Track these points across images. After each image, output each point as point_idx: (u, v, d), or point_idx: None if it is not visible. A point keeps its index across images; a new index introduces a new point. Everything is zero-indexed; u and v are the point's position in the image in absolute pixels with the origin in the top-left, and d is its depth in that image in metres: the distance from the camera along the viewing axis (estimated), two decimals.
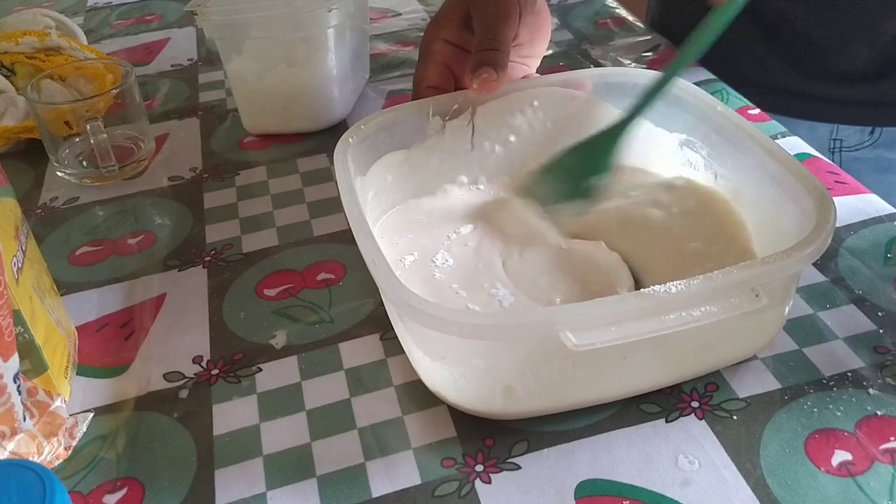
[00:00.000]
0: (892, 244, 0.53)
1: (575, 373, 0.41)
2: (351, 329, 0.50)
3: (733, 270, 0.39)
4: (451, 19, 0.57)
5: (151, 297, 0.55)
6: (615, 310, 0.38)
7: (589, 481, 0.40)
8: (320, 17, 0.66)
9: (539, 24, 0.60)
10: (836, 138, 0.68)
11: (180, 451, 0.44)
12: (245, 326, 0.51)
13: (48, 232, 0.62)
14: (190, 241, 0.60)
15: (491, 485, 0.41)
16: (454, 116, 0.54)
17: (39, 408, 0.43)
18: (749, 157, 0.48)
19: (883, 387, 0.44)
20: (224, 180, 0.67)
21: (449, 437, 0.43)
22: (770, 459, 0.40)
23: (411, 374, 0.46)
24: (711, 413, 0.43)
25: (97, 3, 1.06)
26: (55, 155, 0.68)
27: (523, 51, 0.59)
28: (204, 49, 0.90)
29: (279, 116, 0.71)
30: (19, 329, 0.41)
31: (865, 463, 0.40)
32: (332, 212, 0.61)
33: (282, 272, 0.56)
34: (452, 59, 0.56)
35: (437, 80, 0.56)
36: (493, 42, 0.53)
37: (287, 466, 0.42)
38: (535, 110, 0.55)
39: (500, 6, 0.54)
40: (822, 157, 0.62)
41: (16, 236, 0.45)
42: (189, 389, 0.47)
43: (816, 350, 0.46)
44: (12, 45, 0.77)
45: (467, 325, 0.37)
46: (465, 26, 0.56)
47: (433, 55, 0.56)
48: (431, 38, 0.57)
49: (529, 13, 0.57)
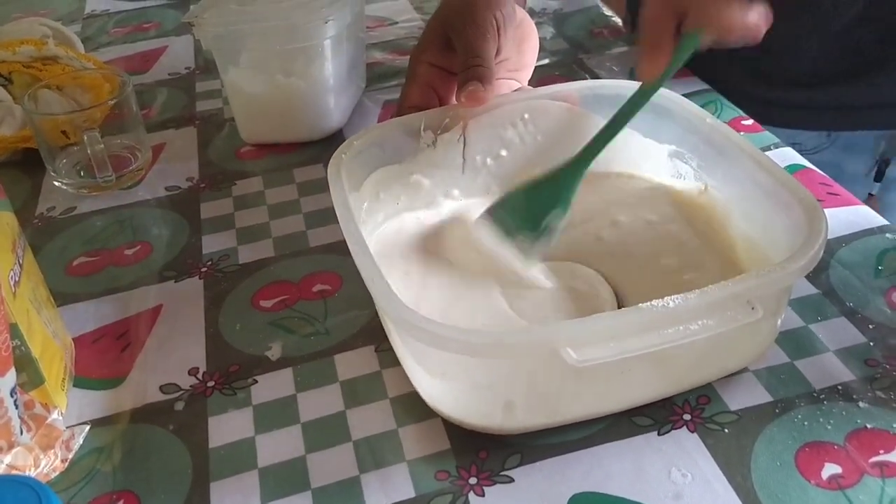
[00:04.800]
0: (884, 256, 0.54)
1: (574, 388, 0.42)
2: (346, 341, 0.51)
3: (728, 284, 0.39)
4: (432, 43, 0.59)
5: (148, 308, 0.55)
6: (615, 325, 0.38)
7: (582, 494, 0.41)
8: (317, 28, 0.66)
9: (523, 36, 0.61)
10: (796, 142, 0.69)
11: (176, 463, 0.44)
12: (241, 338, 0.52)
13: (45, 242, 0.63)
14: (186, 251, 0.60)
15: (484, 497, 0.41)
16: (445, 130, 0.54)
17: (36, 420, 0.44)
18: (739, 168, 0.49)
19: (873, 400, 0.44)
20: (221, 190, 0.67)
21: (443, 449, 0.43)
22: (761, 472, 0.41)
23: (406, 386, 0.47)
24: (703, 426, 0.44)
25: (94, 11, 1.06)
26: (52, 165, 0.68)
27: (511, 65, 0.60)
28: (201, 58, 0.90)
29: (276, 126, 0.72)
30: (16, 342, 0.42)
31: (855, 476, 0.40)
32: (327, 222, 0.61)
33: (278, 283, 0.56)
34: (436, 80, 0.58)
35: (419, 100, 0.57)
36: (475, 60, 0.54)
37: (282, 479, 0.43)
38: (525, 123, 0.56)
39: (477, 26, 0.56)
40: (815, 168, 0.63)
41: (13, 250, 0.45)
42: (185, 402, 0.48)
43: (807, 363, 0.47)
44: (9, 55, 0.78)
45: (469, 343, 0.38)
46: (446, 48, 0.58)
47: (417, 77, 0.58)
48: (415, 62, 0.59)
49: (511, 26, 0.58)
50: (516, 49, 0.60)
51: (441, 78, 0.58)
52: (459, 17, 0.57)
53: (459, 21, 0.57)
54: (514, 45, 0.60)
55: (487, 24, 0.56)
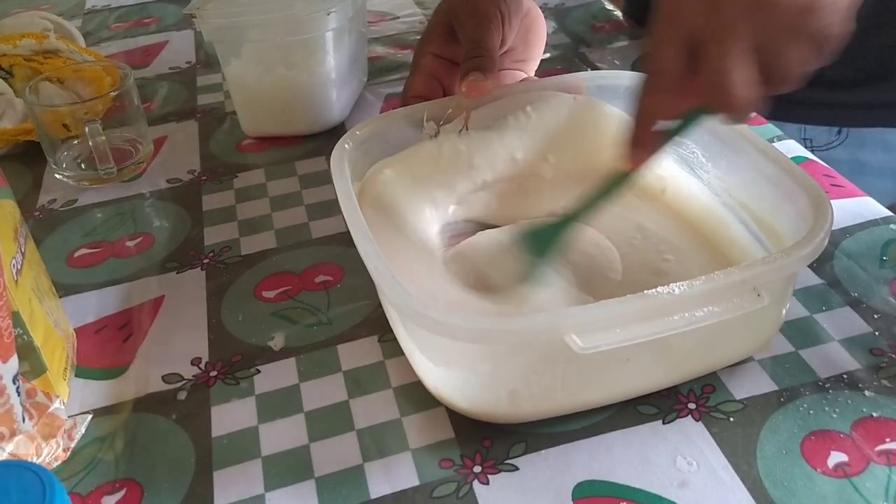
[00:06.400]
0: (888, 247, 0.54)
1: (579, 376, 0.42)
2: (349, 331, 0.51)
3: (734, 270, 0.39)
4: (436, 34, 0.59)
5: (150, 298, 0.55)
6: (620, 312, 0.38)
7: (587, 482, 0.40)
8: (319, 21, 0.66)
9: (529, 26, 0.61)
10: (806, 137, 0.68)
11: (179, 452, 0.44)
12: (243, 328, 0.52)
13: (46, 234, 0.62)
14: (188, 243, 0.60)
15: (489, 486, 0.41)
16: (448, 121, 0.54)
17: (38, 409, 0.43)
18: (743, 158, 0.49)
19: (878, 388, 0.44)
20: (222, 182, 0.67)
21: (447, 438, 0.43)
22: (767, 461, 0.41)
23: (409, 375, 0.46)
24: (708, 415, 0.43)
25: (95, 5, 1.06)
26: (53, 157, 0.68)
27: (516, 55, 0.60)
28: (202, 52, 0.90)
29: (277, 119, 0.71)
30: (18, 331, 0.41)
31: (861, 464, 0.40)
32: (330, 214, 0.61)
33: (280, 274, 0.56)
34: (440, 71, 0.59)
35: (422, 90, 0.58)
36: (478, 50, 0.55)
37: (285, 468, 0.42)
38: (528, 114, 0.55)
39: (481, 16, 0.56)
40: (818, 160, 0.63)
41: (15, 238, 0.45)
42: (187, 391, 0.47)
43: (812, 352, 0.47)
44: (10, 48, 0.77)
45: (473, 331, 0.37)
46: (450, 39, 0.58)
47: (421, 67, 0.59)
48: (420, 53, 0.60)
49: (516, 17, 0.58)
50: (522, 39, 0.60)
51: (445, 69, 0.59)
52: (464, 8, 0.57)
53: (463, 11, 0.57)
54: (520, 36, 0.60)
55: (491, 15, 0.56)
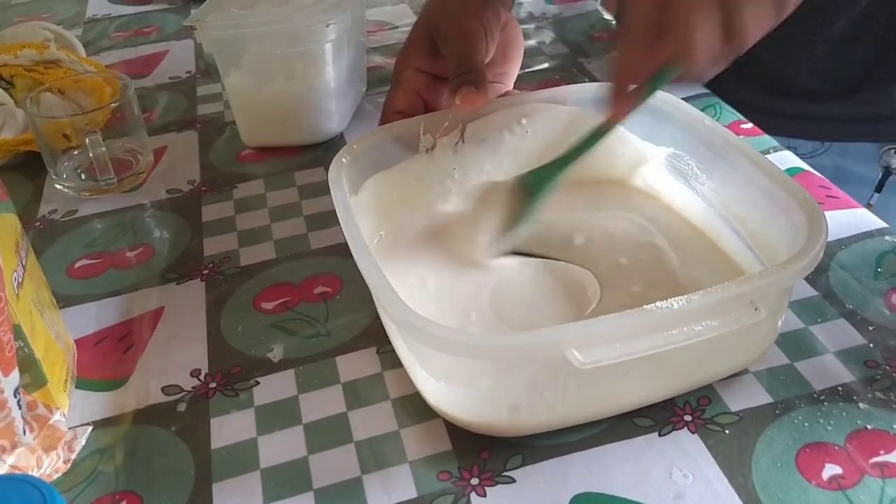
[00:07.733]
0: (883, 259, 0.54)
1: (579, 390, 0.42)
2: (348, 343, 0.51)
3: (731, 284, 0.39)
4: (418, 48, 0.59)
5: (150, 310, 0.55)
6: (619, 327, 0.38)
7: (583, 495, 0.41)
8: (318, 32, 0.66)
9: (508, 40, 0.61)
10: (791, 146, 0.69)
11: (178, 464, 0.44)
12: (243, 340, 0.52)
13: (47, 245, 0.63)
14: (188, 254, 0.60)
15: (486, 498, 0.41)
16: (444, 134, 0.55)
17: (39, 421, 0.44)
18: (738, 170, 0.49)
19: (873, 401, 0.44)
20: (222, 193, 0.67)
21: (445, 450, 0.43)
22: (762, 473, 0.41)
23: (408, 387, 0.47)
24: (704, 427, 0.44)
25: (96, 15, 1.07)
26: (54, 168, 0.68)
27: (496, 68, 0.60)
28: (202, 61, 0.90)
29: (277, 129, 0.72)
30: (19, 344, 0.42)
31: (855, 476, 0.40)
32: (328, 225, 0.61)
33: (279, 285, 0.56)
34: (423, 86, 0.58)
35: (403, 105, 0.57)
36: (466, 66, 0.54)
37: (284, 480, 0.43)
38: (523, 127, 0.56)
39: (464, 31, 0.56)
40: (813, 171, 0.63)
41: (16, 251, 0.45)
42: (187, 403, 0.48)
43: (807, 364, 0.47)
44: (11, 58, 0.78)
45: (475, 347, 0.38)
46: (432, 53, 0.58)
47: (402, 82, 0.58)
48: (401, 67, 0.59)
49: (496, 30, 0.58)
50: (501, 52, 0.60)
51: (427, 83, 0.58)
52: (446, 22, 0.57)
53: (446, 26, 0.57)
54: (499, 50, 0.60)
55: (475, 30, 0.56)
